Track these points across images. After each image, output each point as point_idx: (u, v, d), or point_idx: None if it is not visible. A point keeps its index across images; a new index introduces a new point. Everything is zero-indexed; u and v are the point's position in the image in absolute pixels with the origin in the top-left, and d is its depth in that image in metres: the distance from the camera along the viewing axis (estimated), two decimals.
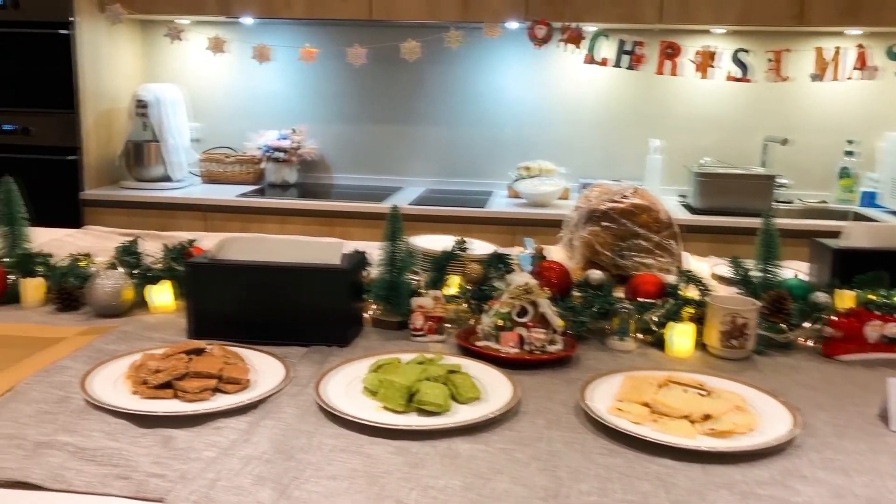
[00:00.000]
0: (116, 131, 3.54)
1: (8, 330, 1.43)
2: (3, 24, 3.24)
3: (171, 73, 3.76)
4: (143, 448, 1.00)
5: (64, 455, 0.98)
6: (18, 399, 1.12)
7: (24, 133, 3.32)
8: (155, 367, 1.16)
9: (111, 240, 2.18)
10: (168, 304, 1.56)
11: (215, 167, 3.63)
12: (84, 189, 3.33)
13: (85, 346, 1.34)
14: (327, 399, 1.12)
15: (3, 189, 1.71)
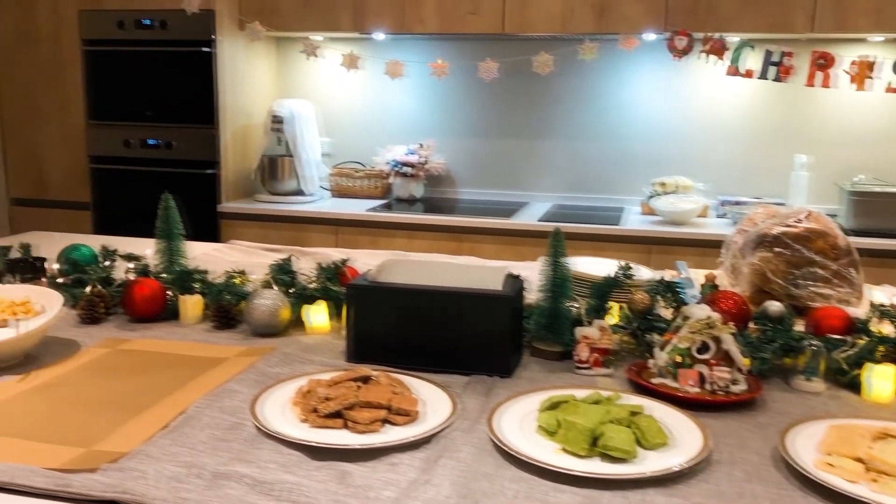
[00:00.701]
0: (252, 146, 3.63)
1: (171, 348, 1.44)
2: (151, 43, 3.38)
3: (304, 89, 3.83)
4: (320, 483, 0.97)
5: (243, 488, 0.95)
6: (191, 424, 1.11)
7: (167, 147, 3.44)
8: (324, 395, 1.13)
9: (256, 255, 2.21)
10: (324, 324, 1.54)
11: (345, 181, 3.67)
12: (221, 202, 3.42)
13: (248, 368, 1.33)
14: (504, 438, 1.06)
15: (162, 205, 1.74)
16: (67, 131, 3.60)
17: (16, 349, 1.32)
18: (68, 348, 1.43)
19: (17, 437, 1.07)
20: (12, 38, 3.60)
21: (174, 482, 0.95)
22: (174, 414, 1.14)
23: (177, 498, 0.92)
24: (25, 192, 3.74)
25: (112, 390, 1.24)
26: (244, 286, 1.64)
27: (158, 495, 0.92)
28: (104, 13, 3.42)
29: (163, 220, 1.74)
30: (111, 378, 1.29)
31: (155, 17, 3.35)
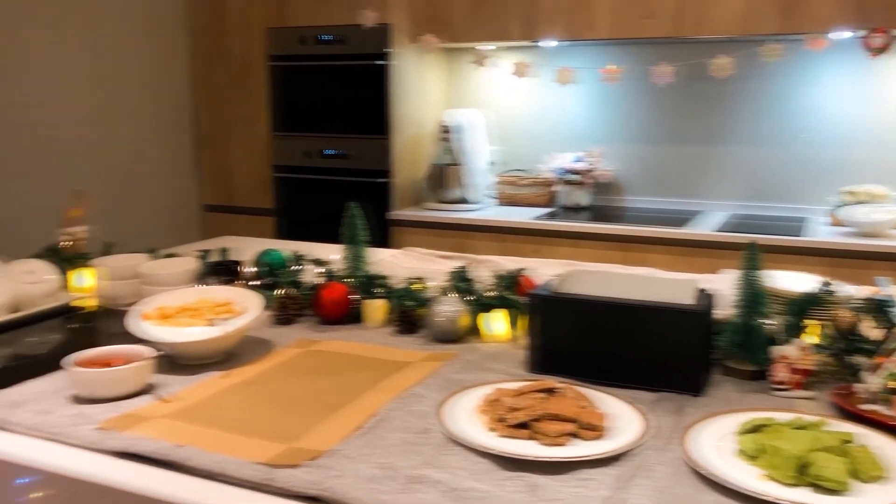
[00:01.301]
0: (422, 155, 3.71)
1: (358, 350, 1.49)
2: (330, 57, 3.55)
3: (473, 98, 3.87)
4: (511, 494, 0.96)
5: (436, 494, 0.96)
6: (383, 427, 1.14)
7: (343, 157, 3.59)
8: (511, 405, 1.13)
9: (430, 261, 2.26)
10: (503, 333, 1.54)
11: (510, 189, 3.67)
12: (392, 210, 3.53)
13: (432, 373, 1.35)
14: (701, 460, 1.01)
15: (348, 214, 1.81)
16: (254, 143, 3.84)
17: (219, 347, 1.41)
18: (264, 347, 1.51)
19: (224, 431, 1.14)
20: (208, 57, 3.89)
21: (371, 483, 0.98)
22: (366, 416, 1.18)
23: (374, 499, 0.94)
24: (215, 199, 4.03)
25: (306, 389, 1.30)
26: (423, 292, 1.68)
27: (357, 495, 0.95)
28: (288, 30, 3.62)
29: (348, 228, 1.81)
30: (305, 377, 1.35)
31: (334, 32, 3.51)
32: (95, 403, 1.24)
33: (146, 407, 1.23)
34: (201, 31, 3.88)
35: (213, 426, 1.15)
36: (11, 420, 1.18)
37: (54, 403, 1.24)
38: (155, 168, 3.81)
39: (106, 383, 1.24)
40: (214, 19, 3.83)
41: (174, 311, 1.48)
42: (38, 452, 1.10)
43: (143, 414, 1.20)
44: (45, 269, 1.78)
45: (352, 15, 3.45)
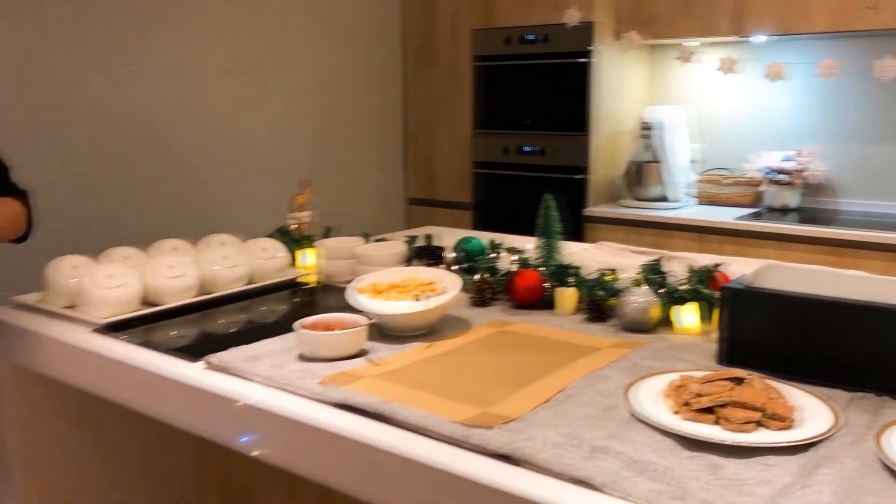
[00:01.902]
0: (620, 152, 3.72)
1: (549, 334, 1.57)
2: (533, 56, 3.65)
3: (674, 95, 3.82)
4: (692, 471, 1.00)
5: (618, 463, 1.02)
6: (571, 401, 1.22)
7: (542, 154, 3.68)
8: (697, 391, 1.16)
9: (623, 256, 2.29)
10: (694, 326, 1.56)
11: (712, 188, 3.59)
12: (588, 206, 3.57)
13: (620, 358, 1.40)
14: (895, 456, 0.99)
15: (544, 206, 1.89)
16: (456, 140, 4.03)
17: (423, 321, 1.55)
18: (462, 325, 1.64)
19: (427, 392, 1.26)
20: (417, 57, 4.13)
21: (557, 449, 1.06)
22: (555, 391, 1.26)
23: (560, 462, 1.02)
24: (419, 193, 4.27)
25: (500, 364, 1.40)
26: (615, 283, 1.72)
27: (544, 458, 1.03)
28: (494, 31, 3.77)
29: (543, 219, 1.90)
30: (498, 354, 1.45)
31: (538, 31, 3.61)
32: (317, 362, 1.41)
33: (360, 368, 1.38)
34: (412, 35, 4.13)
35: (416, 388, 1.28)
36: (250, 370, 1.38)
37: (284, 360, 1.43)
38: (366, 163, 4.11)
39: (328, 345, 1.41)
40: (425, 23, 4.06)
41: (385, 288, 1.64)
42: (272, 399, 1.28)
43: (358, 373, 1.35)
44: (277, 247, 2.02)
45: (556, 14, 3.52)
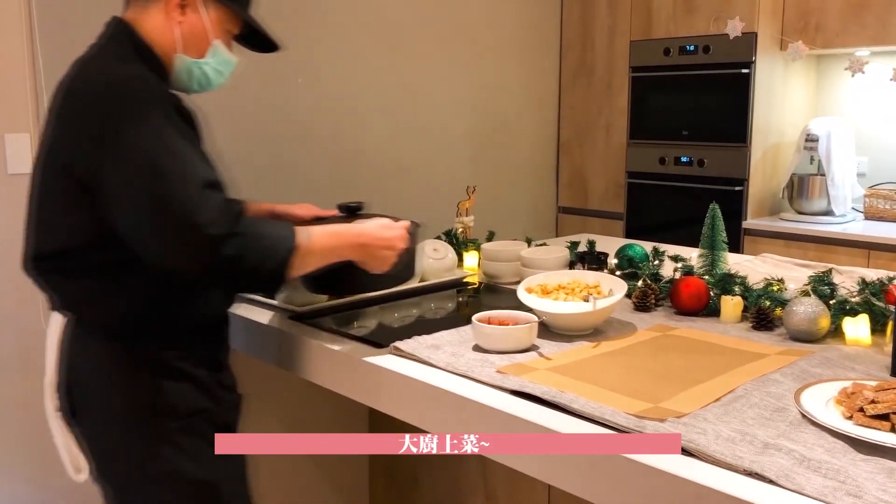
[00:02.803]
0: (781, 165, 3.64)
1: (713, 339, 1.62)
2: (692, 67, 3.64)
3: (841, 107, 3.70)
4: (866, 473, 1.03)
5: (791, 460, 1.07)
6: (741, 402, 1.26)
7: (699, 165, 3.66)
8: (871, 398, 1.18)
9: (787, 269, 2.27)
10: (865, 337, 1.55)
11: (881, 203, 3.44)
12: (746, 218, 3.52)
13: (789, 364, 1.43)
14: None
15: (710, 215, 1.93)
16: (610, 150, 4.07)
17: (591, 321, 1.63)
18: (627, 328, 1.70)
19: (598, 386, 1.35)
20: (574, 69, 4.20)
21: (729, 443, 1.12)
22: (725, 391, 1.31)
23: (733, 455, 1.08)
24: (570, 202, 4.33)
25: (666, 365, 1.46)
26: (782, 293, 1.74)
27: (717, 449, 1.09)
28: (653, 42, 3.79)
29: (708, 228, 1.93)
30: (664, 355, 1.51)
31: (699, 42, 3.60)
32: (492, 353, 1.52)
33: (532, 360, 1.49)
34: (569, 46, 4.21)
35: (587, 381, 1.37)
36: (433, 357, 1.51)
37: (461, 349, 1.55)
38: (521, 172, 4.22)
39: (503, 339, 1.52)
40: (582, 35, 4.13)
41: (553, 288, 1.73)
42: (452, 383, 1.41)
43: (531, 365, 1.46)
44: (447, 249, 2.16)
45: (717, 25, 3.50)
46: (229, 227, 1.31)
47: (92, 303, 1.42)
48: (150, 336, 1.43)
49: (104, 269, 1.39)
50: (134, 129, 1.30)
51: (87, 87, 1.36)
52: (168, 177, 1.29)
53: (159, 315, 1.43)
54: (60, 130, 1.39)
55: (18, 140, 2.51)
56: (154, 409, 1.43)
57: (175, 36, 1.48)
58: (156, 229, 1.30)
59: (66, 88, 1.40)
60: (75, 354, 1.45)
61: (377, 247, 1.52)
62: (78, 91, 1.37)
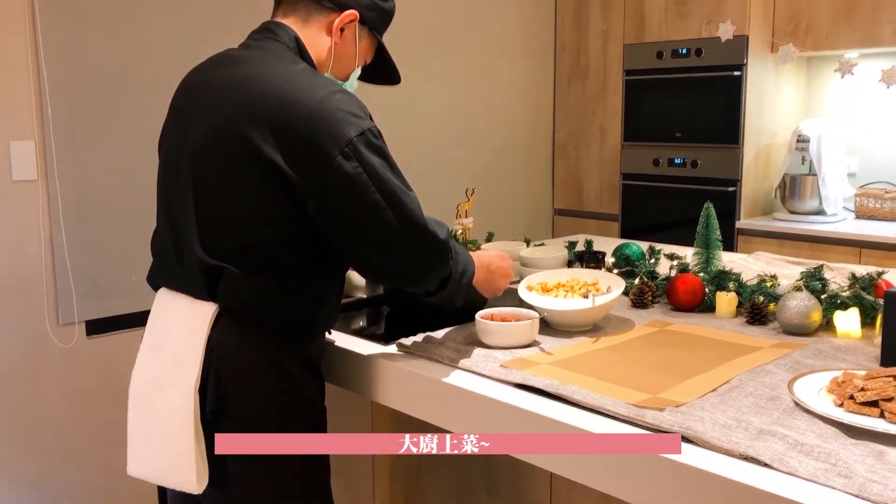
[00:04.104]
0: (773, 165, 3.70)
1: (709, 333, 1.67)
2: (685, 70, 3.70)
3: (831, 108, 3.76)
4: (856, 455, 1.08)
5: (785, 445, 1.12)
6: (736, 392, 1.31)
7: (693, 166, 3.72)
8: (861, 385, 1.23)
9: (780, 266, 2.32)
10: (856, 331, 1.61)
11: (871, 202, 3.50)
12: (739, 218, 3.57)
13: (782, 356, 1.48)
14: None
15: (704, 213, 1.98)
16: (605, 152, 4.13)
17: (591, 317, 1.68)
18: (624, 324, 1.75)
19: (598, 378, 1.40)
20: (568, 72, 4.26)
21: (726, 429, 1.16)
22: (720, 382, 1.36)
23: (729, 440, 1.13)
24: (566, 204, 4.39)
25: (664, 358, 1.51)
26: (775, 289, 1.79)
27: (714, 435, 1.14)
28: (646, 45, 3.85)
29: (703, 226, 1.99)
30: (661, 349, 1.56)
31: (691, 45, 3.66)
32: (495, 349, 1.57)
33: (534, 355, 1.53)
34: (564, 49, 4.27)
35: (588, 374, 1.42)
36: (438, 353, 1.55)
37: (465, 346, 1.60)
38: (517, 174, 4.28)
39: (506, 334, 1.57)
40: (577, 38, 4.19)
41: (553, 286, 1.78)
42: (457, 378, 1.45)
43: (533, 360, 1.50)
44: None
45: (708, 28, 3.57)
46: (447, 237, 1.47)
47: (270, 301, 1.40)
48: (300, 335, 1.46)
49: (290, 269, 1.40)
50: (364, 146, 1.35)
51: (303, 99, 1.34)
52: (401, 194, 1.39)
53: (321, 316, 1.48)
54: (260, 132, 1.34)
55: (23, 147, 2.55)
56: (298, 409, 1.45)
57: (330, 53, 1.52)
58: (404, 244, 1.40)
59: (254, 90, 1.37)
60: (229, 353, 1.39)
61: (498, 275, 1.67)
62: (287, 99, 1.34)
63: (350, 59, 1.56)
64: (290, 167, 1.33)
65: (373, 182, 1.35)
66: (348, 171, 1.33)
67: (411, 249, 1.41)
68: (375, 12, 1.56)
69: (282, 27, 1.49)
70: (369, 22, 1.55)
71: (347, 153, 1.33)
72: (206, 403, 1.39)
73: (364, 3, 1.53)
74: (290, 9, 1.51)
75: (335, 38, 1.51)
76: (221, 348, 1.39)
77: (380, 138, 1.40)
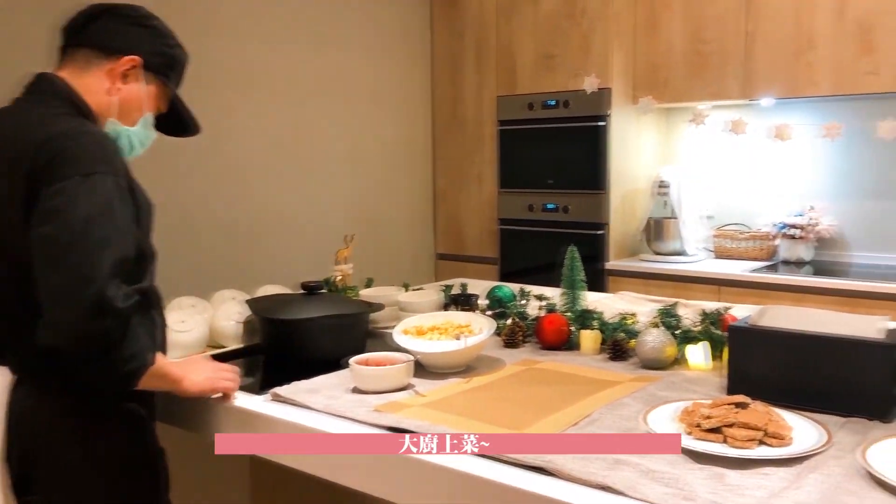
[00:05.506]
0: (637, 209, 3.92)
1: (574, 370, 1.75)
2: (554, 120, 3.89)
3: (688, 155, 4.03)
4: (700, 479, 1.17)
5: (636, 473, 1.19)
6: (595, 424, 1.39)
7: (564, 211, 3.89)
8: (706, 414, 1.32)
9: (642, 304, 2.46)
10: (705, 362, 1.73)
11: (728, 243, 3.76)
12: (608, 260, 3.76)
13: (639, 389, 1.58)
14: (875, 465, 1.15)
15: (568, 256, 2.09)
16: (483, 198, 4.26)
17: (463, 358, 1.73)
18: (496, 363, 1.82)
19: (466, 417, 1.44)
20: (447, 121, 4.39)
21: (584, 461, 1.23)
22: (581, 416, 1.43)
23: (587, 471, 1.19)
24: (447, 248, 4.48)
25: (531, 395, 1.57)
26: (634, 326, 1.90)
27: (573, 467, 1.20)
28: (517, 97, 4.02)
29: (568, 268, 2.09)
30: (529, 387, 1.63)
31: (559, 97, 3.85)
32: (368, 394, 1.59)
33: (407, 398, 1.56)
34: (441, 101, 4.40)
35: (458, 414, 1.46)
36: (310, 401, 1.56)
37: (338, 392, 1.61)
38: (399, 221, 4.34)
39: (380, 379, 1.60)
40: (453, 90, 4.34)
41: (427, 329, 1.83)
42: (329, 424, 1.46)
43: (406, 402, 1.53)
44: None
45: (575, 81, 3.77)
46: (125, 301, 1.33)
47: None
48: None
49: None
50: (84, 184, 1.33)
51: (41, 136, 1.36)
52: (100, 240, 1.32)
53: None
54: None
55: None
56: (114, 457, 1.44)
57: (112, 101, 1.50)
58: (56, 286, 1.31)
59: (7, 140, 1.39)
60: (25, 415, 1.40)
61: (192, 393, 1.54)
62: (41, 143, 1.36)
63: (136, 106, 1.55)
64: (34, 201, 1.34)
65: (69, 211, 1.31)
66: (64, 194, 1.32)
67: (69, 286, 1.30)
68: (161, 58, 1.56)
69: (47, 79, 1.50)
70: (154, 68, 1.55)
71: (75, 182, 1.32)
72: (12, 470, 1.40)
73: (147, 48, 1.53)
74: (70, 58, 1.52)
75: (118, 85, 1.51)
76: (17, 409, 1.40)
77: (115, 186, 1.37)
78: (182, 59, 1.62)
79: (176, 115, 1.63)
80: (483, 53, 4.19)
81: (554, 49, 3.89)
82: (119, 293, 1.32)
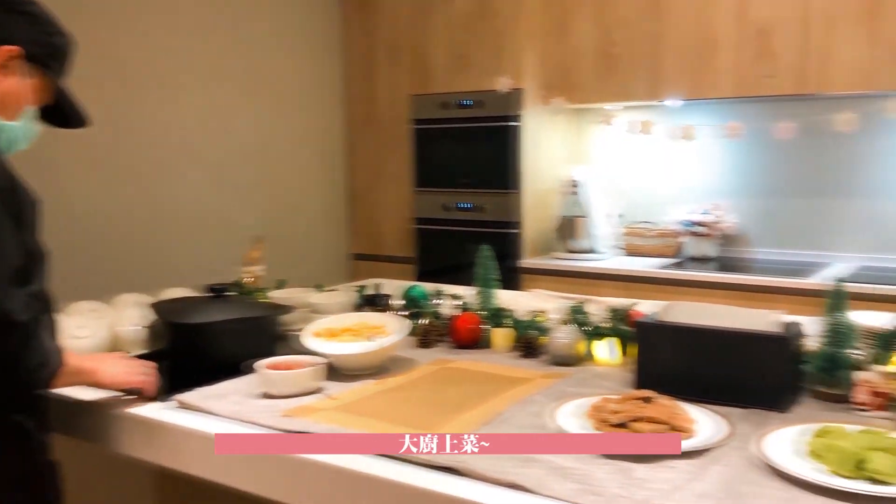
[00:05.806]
0: (550, 208, 3.98)
1: (486, 368, 1.76)
2: (467, 120, 3.91)
3: (598, 155, 4.12)
4: (608, 474, 1.19)
5: (546, 470, 1.20)
6: (507, 423, 1.40)
7: (479, 210, 3.91)
8: (614, 409, 1.35)
9: (554, 301, 2.49)
10: (613, 358, 1.76)
11: (636, 240, 3.86)
12: (522, 258, 3.80)
13: (549, 386, 1.59)
14: (772, 456, 1.19)
15: (480, 255, 2.09)
16: (399, 198, 4.24)
17: (374, 360, 1.71)
18: (409, 364, 1.80)
19: (377, 420, 1.43)
20: (361, 120, 4.35)
21: (495, 460, 1.23)
22: (492, 414, 1.43)
23: (498, 470, 1.19)
24: (362, 248, 4.44)
25: (443, 395, 1.57)
26: (545, 323, 1.92)
27: (484, 466, 1.20)
28: (431, 96, 4.02)
29: (481, 268, 2.10)
30: (441, 387, 1.63)
31: (473, 97, 3.87)
32: (278, 399, 1.56)
33: (318, 402, 1.54)
34: (354, 100, 4.36)
35: (369, 417, 1.44)
36: (216, 408, 1.51)
37: (246, 397, 1.57)
38: (312, 220, 4.28)
39: (289, 383, 1.56)
40: (366, 89, 4.30)
41: (339, 331, 1.80)
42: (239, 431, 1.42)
43: (316, 406, 1.51)
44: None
45: (488, 81, 3.80)
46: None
47: None
48: None
49: None
50: None
51: None
52: None
53: None
54: None
55: None
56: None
57: None
58: None
59: None
60: None
61: (108, 385, 1.55)
62: None
63: (16, 100, 1.46)
64: None
65: None
66: None
67: None
68: (42, 47, 1.47)
69: None
70: (37, 58, 1.46)
71: None
72: None
73: (25, 37, 1.44)
74: None
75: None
76: None
77: None
78: (64, 48, 1.52)
79: (62, 107, 1.55)
80: (396, 52, 4.17)
81: (468, 49, 3.91)
82: (17, 305, 1.26)
